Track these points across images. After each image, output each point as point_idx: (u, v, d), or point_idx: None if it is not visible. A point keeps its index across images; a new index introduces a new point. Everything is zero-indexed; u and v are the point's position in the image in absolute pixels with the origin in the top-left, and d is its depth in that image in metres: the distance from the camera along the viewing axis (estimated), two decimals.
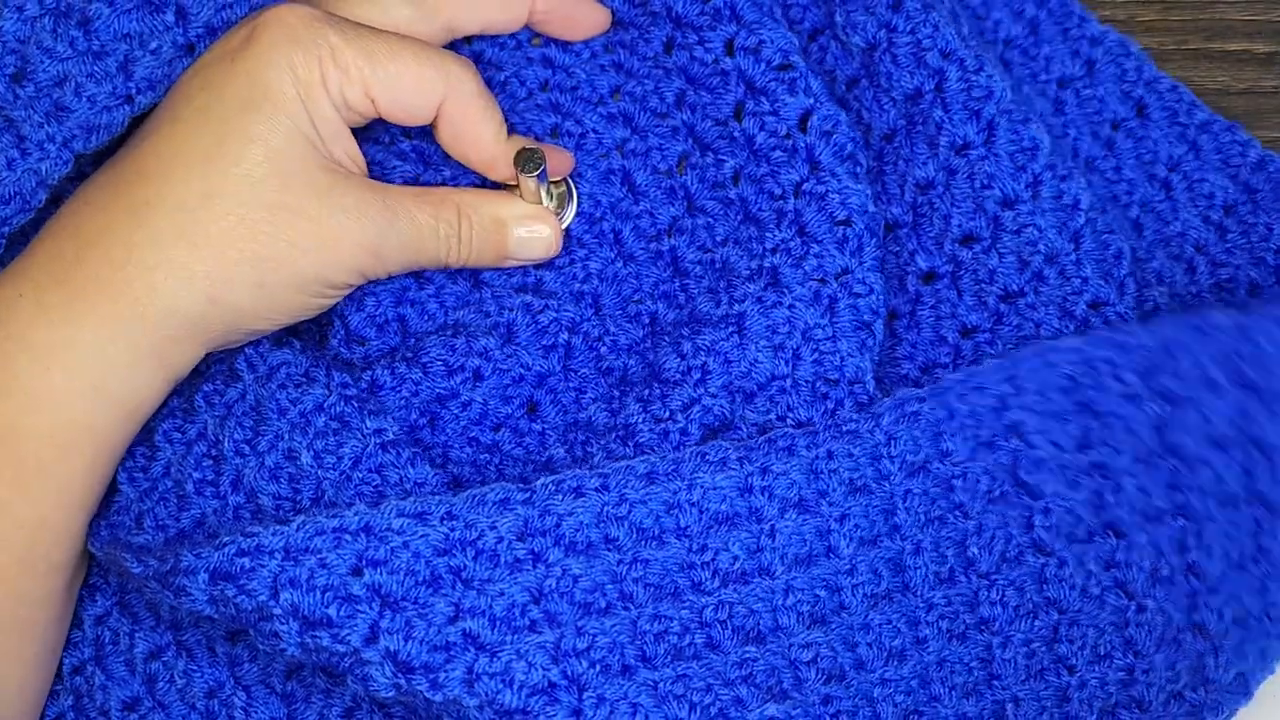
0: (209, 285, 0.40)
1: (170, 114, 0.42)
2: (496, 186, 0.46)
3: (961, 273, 0.47)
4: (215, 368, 0.45)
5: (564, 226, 0.47)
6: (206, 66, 0.42)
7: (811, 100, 0.45)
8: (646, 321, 0.47)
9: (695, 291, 0.46)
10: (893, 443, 0.42)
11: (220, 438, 0.43)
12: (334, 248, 0.42)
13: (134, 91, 0.42)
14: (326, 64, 0.41)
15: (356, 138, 0.44)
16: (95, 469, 0.42)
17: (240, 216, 0.40)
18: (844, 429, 0.42)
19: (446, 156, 0.47)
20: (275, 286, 0.41)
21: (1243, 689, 0.43)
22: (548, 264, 0.47)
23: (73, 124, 0.41)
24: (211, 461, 0.43)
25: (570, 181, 0.47)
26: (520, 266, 0.47)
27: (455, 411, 0.45)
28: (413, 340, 0.46)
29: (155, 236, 0.40)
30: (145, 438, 0.44)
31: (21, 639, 0.42)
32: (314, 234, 0.41)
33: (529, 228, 0.45)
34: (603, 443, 0.44)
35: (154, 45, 0.42)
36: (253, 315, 0.42)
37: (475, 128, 0.44)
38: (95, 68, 0.41)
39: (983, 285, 0.47)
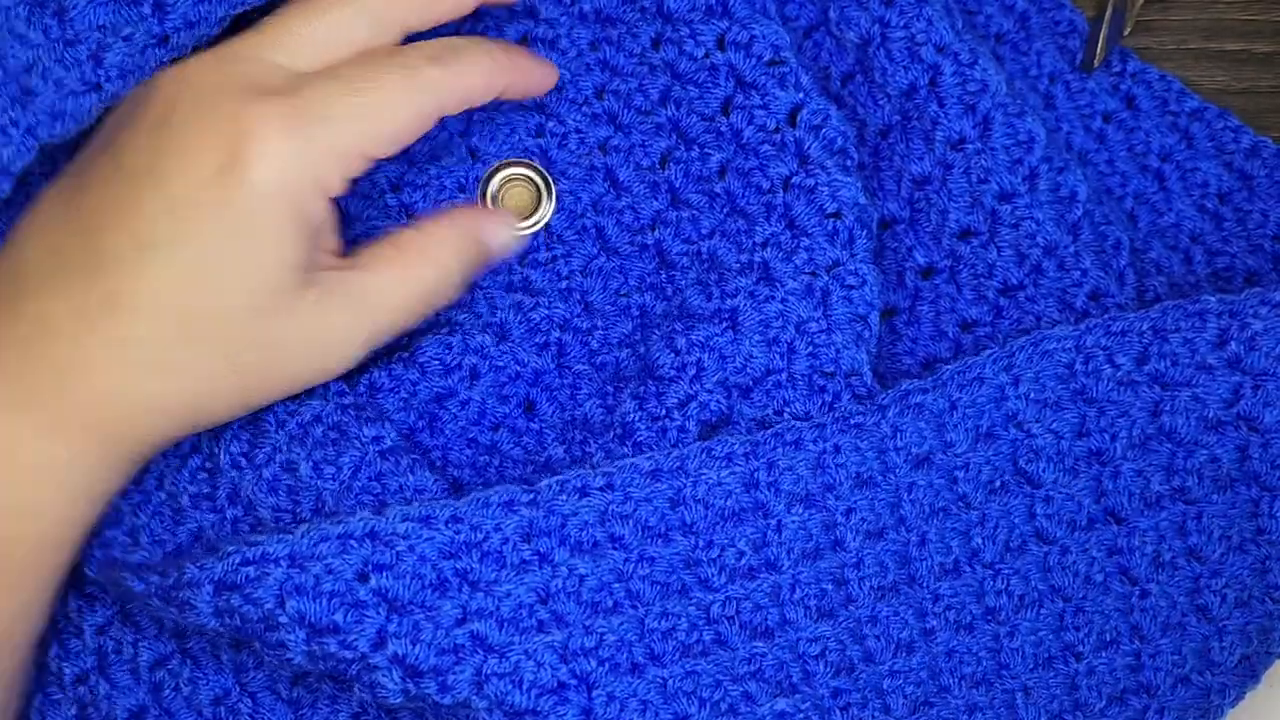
0: (193, 415, 0.40)
1: (150, 239, 0.38)
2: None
3: (960, 267, 0.47)
4: None
5: (545, 223, 0.47)
6: (177, 182, 0.38)
7: (801, 94, 0.45)
8: (636, 314, 0.47)
9: (683, 284, 0.46)
10: (898, 435, 0.42)
11: (214, 450, 0.43)
12: (320, 363, 0.41)
13: (102, 79, 0.40)
14: (323, 165, 0.39)
15: None
16: (72, 551, 0.41)
17: (224, 357, 0.39)
18: (851, 422, 0.42)
19: (431, 154, 0.46)
20: (260, 403, 0.42)
21: (1249, 672, 0.43)
22: (531, 262, 0.47)
23: (37, 108, 0.40)
24: (206, 474, 0.43)
25: (549, 177, 0.47)
26: (506, 263, 0.47)
27: (454, 411, 0.45)
28: (407, 339, 0.46)
29: (138, 379, 0.39)
30: None
31: None
32: (297, 361, 0.41)
33: (493, 231, 0.44)
34: (601, 442, 0.44)
35: (127, 32, 0.40)
36: (237, 420, 0.43)
37: (486, 89, 0.43)
38: (65, 54, 0.40)
39: (981, 279, 0.47)
